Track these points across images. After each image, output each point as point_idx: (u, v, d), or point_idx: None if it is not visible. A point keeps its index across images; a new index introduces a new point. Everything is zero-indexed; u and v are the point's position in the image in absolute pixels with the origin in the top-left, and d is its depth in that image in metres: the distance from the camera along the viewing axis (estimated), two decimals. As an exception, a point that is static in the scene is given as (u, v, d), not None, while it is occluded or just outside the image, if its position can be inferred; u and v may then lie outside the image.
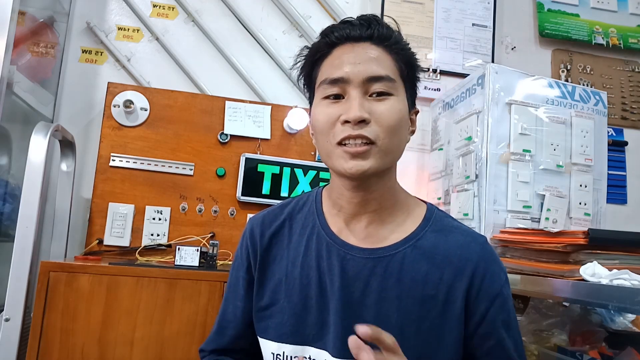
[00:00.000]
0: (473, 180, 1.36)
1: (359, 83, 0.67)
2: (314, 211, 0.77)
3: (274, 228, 0.79)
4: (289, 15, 1.80)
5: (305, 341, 0.70)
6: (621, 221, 1.85)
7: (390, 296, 0.68)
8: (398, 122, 0.68)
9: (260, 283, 0.77)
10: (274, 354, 0.73)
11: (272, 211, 0.82)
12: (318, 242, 0.74)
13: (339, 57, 0.69)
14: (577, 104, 1.42)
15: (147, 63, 1.70)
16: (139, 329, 1.12)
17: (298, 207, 0.80)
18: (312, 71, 0.74)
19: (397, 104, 0.68)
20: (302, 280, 0.72)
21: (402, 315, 0.67)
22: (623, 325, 1.12)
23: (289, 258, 0.75)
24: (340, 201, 0.73)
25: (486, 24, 1.92)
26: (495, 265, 0.72)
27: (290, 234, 0.77)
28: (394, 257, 0.70)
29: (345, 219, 0.73)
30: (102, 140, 1.53)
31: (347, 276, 0.69)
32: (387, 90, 0.68)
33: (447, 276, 0.69)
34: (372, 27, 0.70)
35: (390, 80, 0.68)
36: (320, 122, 0.69)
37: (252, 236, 0.79)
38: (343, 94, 0.68)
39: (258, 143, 1.63)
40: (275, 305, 0.74)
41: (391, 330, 0.63)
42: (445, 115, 1.63)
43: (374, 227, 0.72)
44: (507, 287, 0.73)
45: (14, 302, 1.09)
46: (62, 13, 1.65)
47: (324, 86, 0.69)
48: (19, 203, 1.13)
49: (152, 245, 1.49)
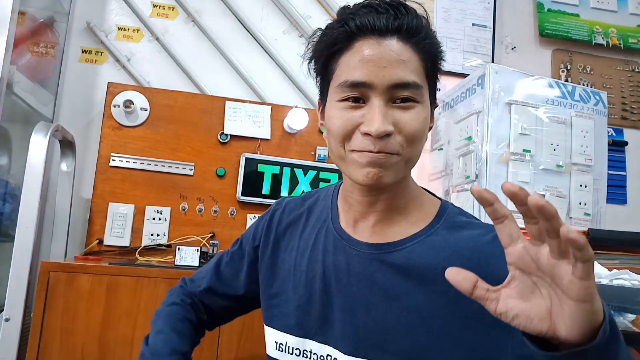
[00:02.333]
0: (473, 180, 1.36)
1: (383, 90, 0.60)
2: (329, 205, 0.76)
3: (292, 217, 0.78)
4: (289, 15, 1.80)
5: (307, 334, 0.69)
6: (621, 221, 1.85)
7: (398, 293, 0.64)
8: (422, 132, 0.62)
9: (272, 270, 0.77)
10: (277, 343, 0.72)
11: (295, 200, 0.81)
12: (326, 237, 0.72)
13: (361, 56, 0.60)
14: (577, 104, 1.42)
15: (147, 63, 1.70)
16: (139, 329, 1.12)
17: (317, 200, 0.79)
18: (329, 63, 0.66)
19: (423, 112, 0.62)
20: (307, 274, 0.72)
21: (412, 312, 0.62)
22: (623, 325, 1.12)
23: (299, 250, 0.75)
24: (349, 199, 0.70)
25: (486, 24, 1.92)
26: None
27: (305, 225, 0.77)
28: (401, 252, 0.65)
29: (354, 216, 0.70)
30: (102, 140, 1.53)
31: (352, 273, 0.67)
32: (413, 97, 0.61)
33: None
34: (400, 17, 0.60)
35: (417, 87, 0.61)
36: (336, 127, 0.62)
37: (272, 219, 0.80)
38: (364, 99, 0.61)
39: (258, 143, 1.63)
40: (282, 295, 0.74)
41: (401, 329, 0.62)
42: (445, 115, 1.63)
43: (380, 226, 0.68)
44: None
45: (14, 302, 1.09)
46: (62, 13, 1.65)
47: (342, 88, 0.62)
48: (19, 203, 1.14)
49: (152, 245, 1.49)
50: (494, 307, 0.45)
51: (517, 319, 0.44)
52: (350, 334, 0.65)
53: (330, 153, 0.68)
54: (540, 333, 0.43)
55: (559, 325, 0.42)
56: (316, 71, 0.70)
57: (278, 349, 0.72)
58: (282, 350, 0.72)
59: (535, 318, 0.43)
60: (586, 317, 0.40)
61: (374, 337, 0.63)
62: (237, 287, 0.83)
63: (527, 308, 0.44)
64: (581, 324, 0.41)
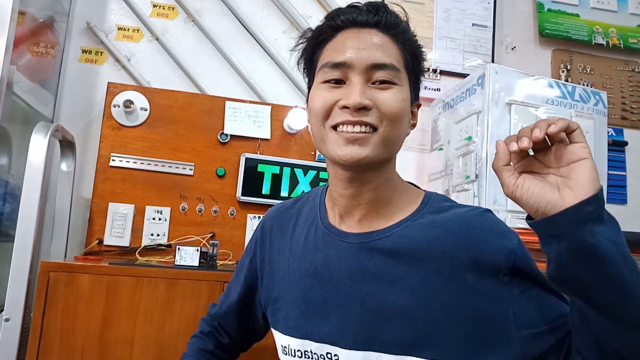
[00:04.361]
0: (473, 180, 1.36)
1: (362, 69, 0.64)
2: (317, 204, 0.76)
3: (283, 221, 0.80)
4: (288, 15, 1.80)
5: (305, 334, 0.69)
6: (621, 221, 1.83)
7: (393, 278, 0.63)
8: (401, 111, 0.64)
9: (271, 275, 0.78)
10: (282, 346, 0.73)
11: (285, 204, 0.83)
12: (315, 234, 0.73)
13: (343, 42, 0.66)
14: (577, 104, 1.42)
15: (147, 63, 1.70)
16: (139, 329, 1.12)
17: (307, 201, 0.80)
18: (314, 54, 0.71)
19: (400, 94, 0.65)
20: (300, 273, 0.72)
21: (408, 297, 0.62)
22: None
23: (291, 250, 0.75)
24: (334, 193, 0.71)
25: (486, 24, 1.92)
26: (501, 227, 0.65)
27: (295, 226, 0.77)
28: (390, 237, 0.65)
29: (340, 212, 0.71)
30: (102, 140, 1.53)
31: (344, 265, 0.67)
32: (390, 79, 0.64)
33: (450, 248, 0.63)
34: (380, 14, 0.67)
35: (395, 69, 0.65)
36: (317, 106, 0.66)
37: (263, 228, 0.82)
38: (344, 80, 0.65)
39: (258, 143, 1.63)
40: (281, 298, 0.74)
41: (399, 315, 0.62)
42: (445, 115, 1.63)
43: (367, 220, 0.68)
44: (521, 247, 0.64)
45: (14, 302, 1.09)
46: (62, 13, 1.65)
47: (324, 70, 0.66)
48: (19, 203, 1.14)
49: (152, 245, 1.49)
50: (513, 180, 0.55)
51: (531, 189, 0.53)
52: (347, 328, 0.65)
53: (312, 138, 0.70)
54: (549, 203, 0.52)
55: (565, 193, 0.51)
56: (304, 67, 0.74)
57: (283, 352, 0.73)
58: (286, 353, 0.72)
59: (547, 188, 0.53)
60: (591, 172, 0.51)
61: (371, 329, 0.63)
62: (234, 299, 0.84)
63: (540, 182, 0.54)
64: (588, 180, 0.50)
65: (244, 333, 0.88)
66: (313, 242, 0.72)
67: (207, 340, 0.87)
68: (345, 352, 0.64)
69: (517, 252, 0.62)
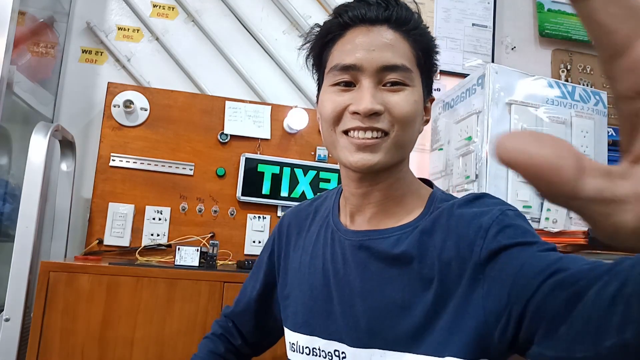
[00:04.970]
0: (473, 180, 1.36)
1: (372, 72, 0.61)
2: (332, 203, 0.77)
3: (300, 219, 0.80)
4: (289, 15, 1.80)
5: (313, 332, 0.69)
6: (621, 221, 1.85)
7: (391, 277, 0.63)
8: (413, 114, 0.63)
9: (285, 272, 0.78)
10: (291, 343, 0.73)
11: (304, 203, 0.84)
12: (326, 232, 0.73)
13: (352, 42, 0.63)
14: (577, 104, 1.42)
15: (147, 63, 1.70)
16: (139, 329, 1.12)
17: (324, 200, 0.80)
18: (323, 53, 0.69)
19: (412, 95, 0.63)
20: (310, 270, 0.72)
21: (409, 297, 0.61)
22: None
23: (304, 248, 0.76)
24: (346, 192, 0.71)
25: (486, 24, 1.92)
26: (482, 208, 0.61)
27: (310, 224, 0.78)
28: (388, 240, 0.64)
29: (351, 210, 0.71)
30: (102, 140, 1.53)
31: (348, 262, 0.67)
32: (402, 81, 0.62)
33: (443, 251, 0.60)
34: (390, 8, 0.63)
35: (406, 70, 0.62)
36: (327, 111, 0.64)
37: (281, 225, 0.83)
38: (354, 82, 0.63)
39: (258, 143, 1.63)
40: (292, 294, 0.75)
41: (399, 314, 0.61)
42: (445, 115, 1.63)
43: (378, 219, 0.68)
44: (505, 219, 0.58)
45: (14, 302, 1.09)
46: (62, 13, 1.65)
47: (334, 72, 0.64)
48: (19, 203, 1.14)
49: (152, 245, 1.49)
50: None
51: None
52: (352, 325, 0.64)
53: (323, 141, 0.69)
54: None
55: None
56: (313, 64, 0.72)
57: (291, 349, 0.73)
58: (295, 350, 0.71)
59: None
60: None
61: (374, 326, 0.63)
62: (252, 296, 0.84)
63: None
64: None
65: (259, 333, 0.87)
66: (324, 239, 0.73)
67: (218, 343, 0.86)
68: (351, 349, 0.64)
69: (488, 230, 0.56)
